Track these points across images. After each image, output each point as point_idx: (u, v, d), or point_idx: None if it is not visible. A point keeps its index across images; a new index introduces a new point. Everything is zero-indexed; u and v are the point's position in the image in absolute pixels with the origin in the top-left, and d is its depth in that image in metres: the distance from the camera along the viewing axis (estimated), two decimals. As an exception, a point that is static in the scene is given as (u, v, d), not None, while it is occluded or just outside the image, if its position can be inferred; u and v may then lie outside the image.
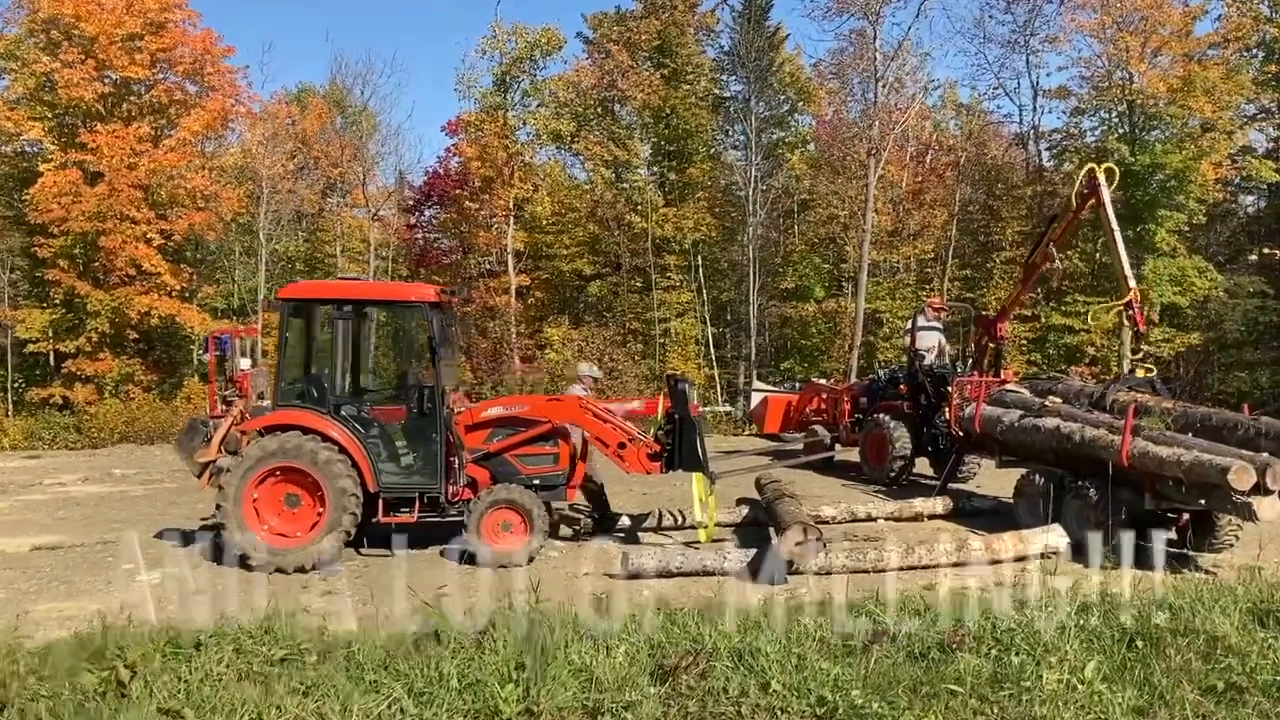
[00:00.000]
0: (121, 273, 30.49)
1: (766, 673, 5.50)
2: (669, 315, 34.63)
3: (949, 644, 5.90)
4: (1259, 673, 5.64)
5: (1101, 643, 6.08)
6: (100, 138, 31.05)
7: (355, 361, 11.34)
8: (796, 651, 5.74)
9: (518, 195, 34.19)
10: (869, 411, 16.24)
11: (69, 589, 10.02)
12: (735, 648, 5.95)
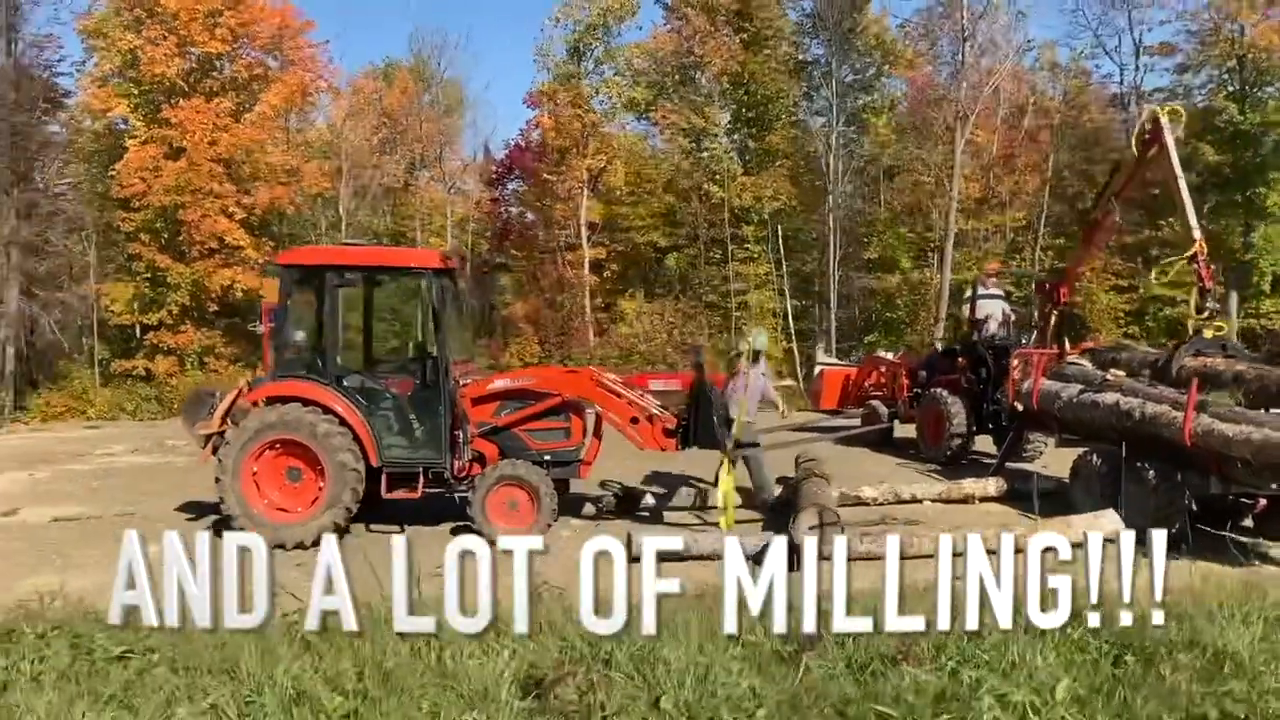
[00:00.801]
0: (203, 246, 30.86)
1: (662, 686, 4.86)
2: (746, 287, 33.77)
3: (897, 654, 5.15)
4: (1267, 699, 4.74)
5: (1086, 656, 5.25)
6: (182, 113, 31.42)
7: (358, 330, 10.91)
8: (704, 660, 5.05)
9: (592, 166, 33.64)
10: (927, 386, 15.30)
11: (64, 563, 9.82)
12: (637, 654, 5.30)
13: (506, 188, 43.02)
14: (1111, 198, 12.69)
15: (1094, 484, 11.02)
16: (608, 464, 12.58)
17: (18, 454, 17.03)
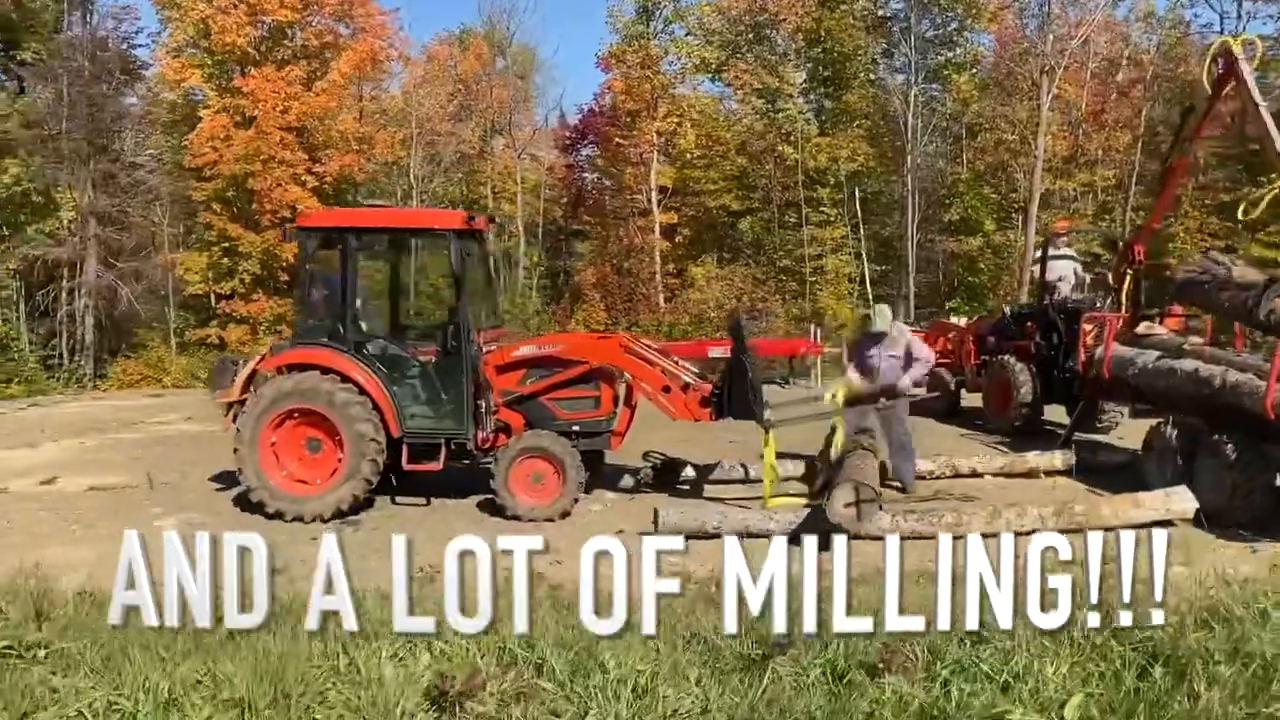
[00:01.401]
0: (274, 215, 30.94)
1: (592, 700, 4.29)
2: (821, 252, 32.80)
3: (880, 661, 4.50)
4: (1325, 725, 3.95)
5: (1107, 666, 4.53)
6: (253, 82, 31.48)
7: (379, 295, 10.49)
8: (648, 668, 4.45)
9: (662, 129, 32.91)
10: (995, 353, 14.40)
11: (86, 534, 9.65)
12: (574, 660, 4.74)
13: (580, 153, 42.57)
14: (1186, 141, 11.63)
15: (1168, 459, 10.15)
16: (653, 435, 12.06)
17: (75, 421, 17.12)
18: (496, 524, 9.67)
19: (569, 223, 41.94)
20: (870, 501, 8.35)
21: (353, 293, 9.95)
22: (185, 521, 9.89)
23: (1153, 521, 9.06)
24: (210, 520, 9.92)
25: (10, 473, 12.67)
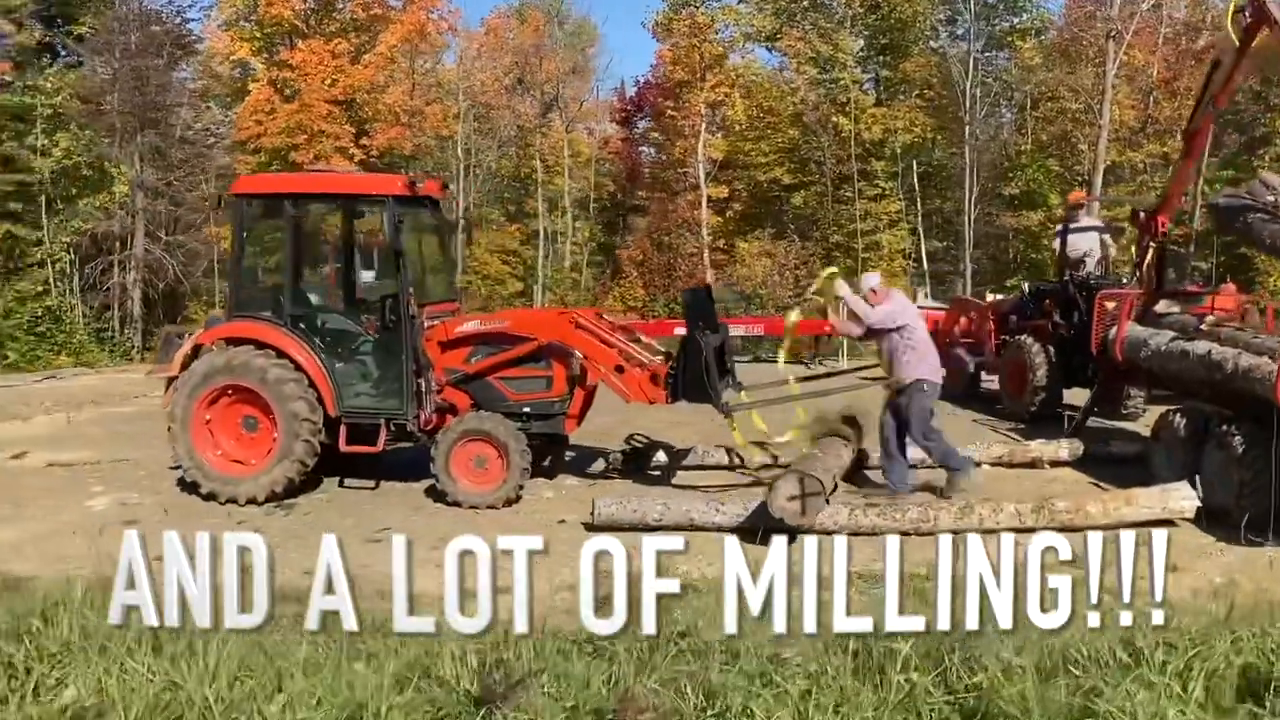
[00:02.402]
0: (318, 188, 30.73)
1: None
2: (876, 227, 31.65)
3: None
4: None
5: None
6: (300, 55, 31.36)
7: (319, 266, 9.94)
8: None
9: (709, 99, 31.98)
10: (1016, 333, 13.39)
11: (14, 514, 9.28)
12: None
13: (637, 126, 41.84)
14: (1211, 101, 10.50)
15: (1176, 450, 9.19)
16: (644, 417, 11.38)
17: (79, 394, 16.99)
18: (434, 511, 9.12)
19: (625, 197, 41.28)
20: (815, 495, 7.58)
21: (290, 263, 9.42)
22: (119, 501, 9.59)
23: (1148, 520, 8.17)
24: (146, 501, 9.57)
25: (-19, 447, 12.48)
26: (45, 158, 29.99)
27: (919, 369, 8.96)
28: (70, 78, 30.62)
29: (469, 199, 36.98)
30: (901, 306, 9.14)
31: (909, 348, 8.98)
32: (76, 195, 31.00)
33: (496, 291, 33.22)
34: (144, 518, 8.91)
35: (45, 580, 7.00)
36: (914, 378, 8.93)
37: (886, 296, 9.17)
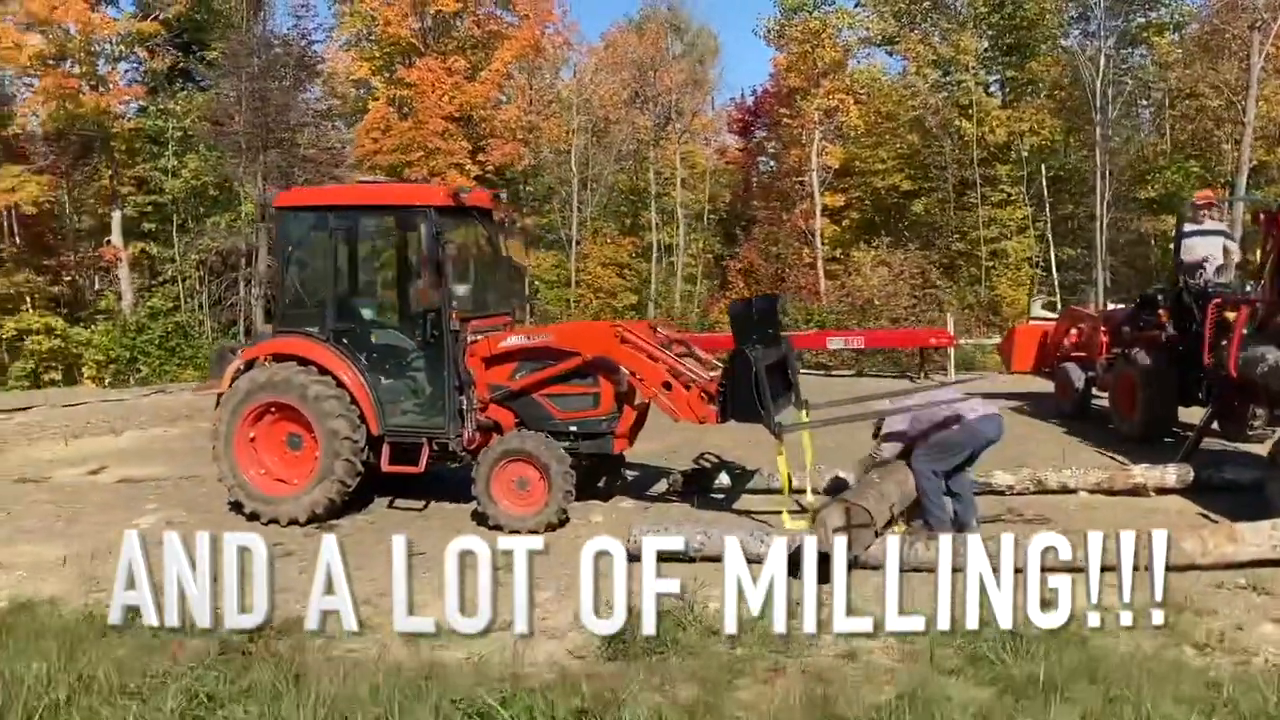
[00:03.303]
0: (434, 206, 31.01)
1: None
2: (1001, 234, 30.21)
3: None
4: None
5: None
6: (416, 73, 31.74)
7: (361, 280, 9.65)
8: None
9: (824, 106, 31.08)
10: (1130, 345, 12.28)
11: (65, 530, 9.30)
12: None
13: (755, 136, 41.12)
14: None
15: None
16: (718, 436, 10.78)
17: (180, 408, 17.32)
18: (478, 535, 8.68)
19: (743, 208, 40.61)
20: (865, 526, 6.88)
21: (333, 277, 9.18)
22: (165, 520, 9.44)
23: (1255, 561, 7.24)
24: (193, 520, 9.40)
25: (66, 461, 12.71)
26: (175, 178, 31.07)
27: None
28: (199, 100, 31.65)
29: (586, 212, 36.88)
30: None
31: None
32: (205, 214, 32.02)
33: (608, 304, 32.90)
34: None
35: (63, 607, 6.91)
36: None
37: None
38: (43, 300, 30.48)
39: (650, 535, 7.64)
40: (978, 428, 7.93)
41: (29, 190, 28.56)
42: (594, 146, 37.95)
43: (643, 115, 39.16)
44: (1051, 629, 5.72)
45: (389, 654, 5.85)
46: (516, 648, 5.78)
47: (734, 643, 5.72)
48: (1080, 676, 5.32)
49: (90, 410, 17.61)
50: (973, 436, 7.94)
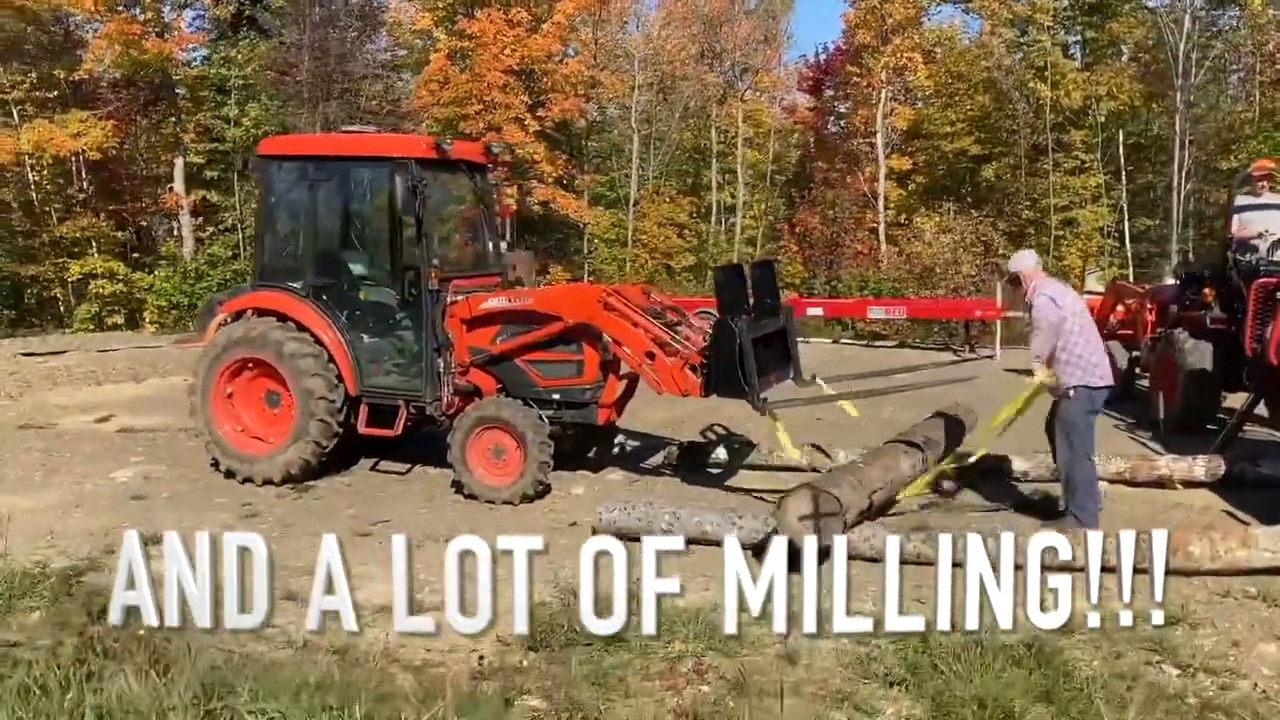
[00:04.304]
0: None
1: None
2: (1072, 203, 28.96)
3: None
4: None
5: None
6: (477, 24, 31.31)
7: (342, 235, 9.29)
8: None
9: (891, 64, 29.98)
10: (1177, 324, 11.46)
11: (45, 480, 9.20)
12: None
13: (824, 95, 40.00)
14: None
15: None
16: (734, 408, 10.29)
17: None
18: (447, 504, 8.40)
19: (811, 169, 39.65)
20: (833, 515, 6.38)
21: (314, 230, 8.85)
22: (144, 474, 9.31)
23: (1271, 568, 6.59)
24: (171, 475, 9.27)
25: (78, 408, 12.70)
26: (236, 127, 31.15)
27: (1072, 373, 7.37)
28: (262, 49, 31.63)
29: (648, 171, 36.30)
30: (1053, 307, 7.32)
31: (1062, 347, 7.42)
32: (266, 164, 32.03)
33: (665, 265, 32.36)
34: (152, 494, 8.64)
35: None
36: (1067, 384, 7.38)
37: (1035, 286, 7.55)
38: (108, 245, 30.88)
39: (613, 513, 7.30)
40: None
41: (94, 135, 28.83)
42: (659, 103, 37.27)
43: (710, 72, 38.32)
44: (1024, 640, 5.32)
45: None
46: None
47: (671, 637, 5.36)
48: (1038, 697, 4.80)
49: (123, 356, 17.69)
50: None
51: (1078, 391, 7.31)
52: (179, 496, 8.57)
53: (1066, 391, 7.34)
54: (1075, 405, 7.34)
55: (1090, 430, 7.48)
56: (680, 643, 5.33)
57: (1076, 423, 7.36)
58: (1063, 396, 7.40)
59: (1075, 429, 7.38)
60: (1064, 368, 7.31)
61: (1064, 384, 7.34)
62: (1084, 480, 7.41)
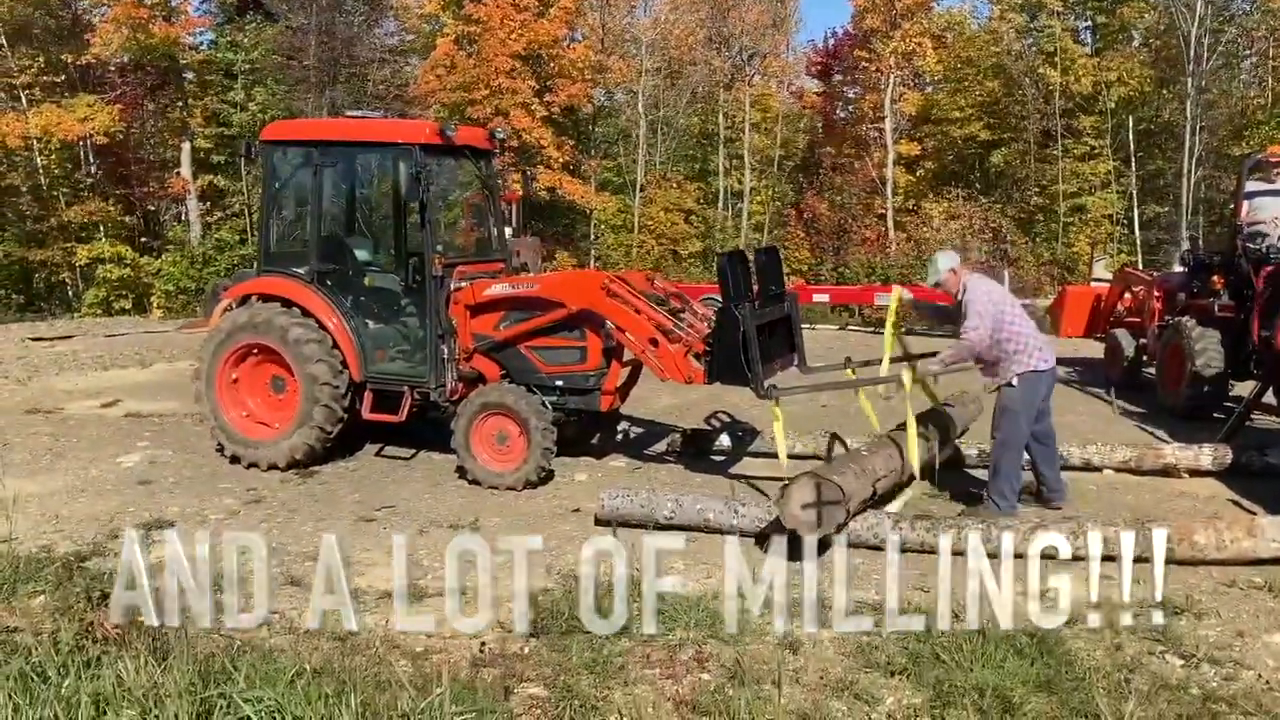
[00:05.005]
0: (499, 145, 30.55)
1: None
2: (1081, 189, 28.81)
3: None
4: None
5: None
6: (483, 9, 31.19)
7: (347, 220, 9.27)
8: None
9: (900, 49, 29.81)
10: (1184, 312, 11.39)
11: (51, 465, 9.20)
12: None
13: (832, 80, 39.81)
14: None
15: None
16: (739, 395, 10.25)
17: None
18: (450, 490, 8.39)
19: (819, 155, 39.49)
20: (834, 504, 6.36)
21: (318, 215, 8.82)
22: (150, 459, 9.31)
23: (1278, 558, 6.55)
24: (177, 460, 9.27)
25: (83, 393, 12.71)
26: (243, 112, 31.10)
27: (1018, 360, 7.40)
28: (269, 33, 31.57)
29: (655, 156, 36.18)
30: (987, 300, 7.44)
31: (1000, 341, 7.42)
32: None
33: (671, 250, 32.28)
34: (158, 479, 8.64)
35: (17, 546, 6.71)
36: (1013, 372, 7.39)
37: (965, 284, 7.62)
38: (116, 230, 30.90)
39: (616, 499, 7.30)
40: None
41: (102, 120, 28.80)
42: (666, 88, 37.13)
43: (718, 57, 38.15)
44: (1026, 630, 5.31)
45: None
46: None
47: (672, 625, 5.36)
48: (1039, 687, 4.78)
49: (129, 341, 17.71)
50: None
51: (1022, 378, 7.36)
52: (184, 482, 8.57)
53: (1010, 379, 7.37)
54: (1020, 392, 7.39)
55: (1029, 419, 7.51)
56: (681, 630, 5.33)
57: (1018, 411, 7.41)
58: (1005, 385, 7.42)
59: (1015, 417, 7.42)
60: (1009, 356, 7.36)
61: (1009, 373, 7.38)
62: (1010, 469, 7.47)
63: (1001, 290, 7.76)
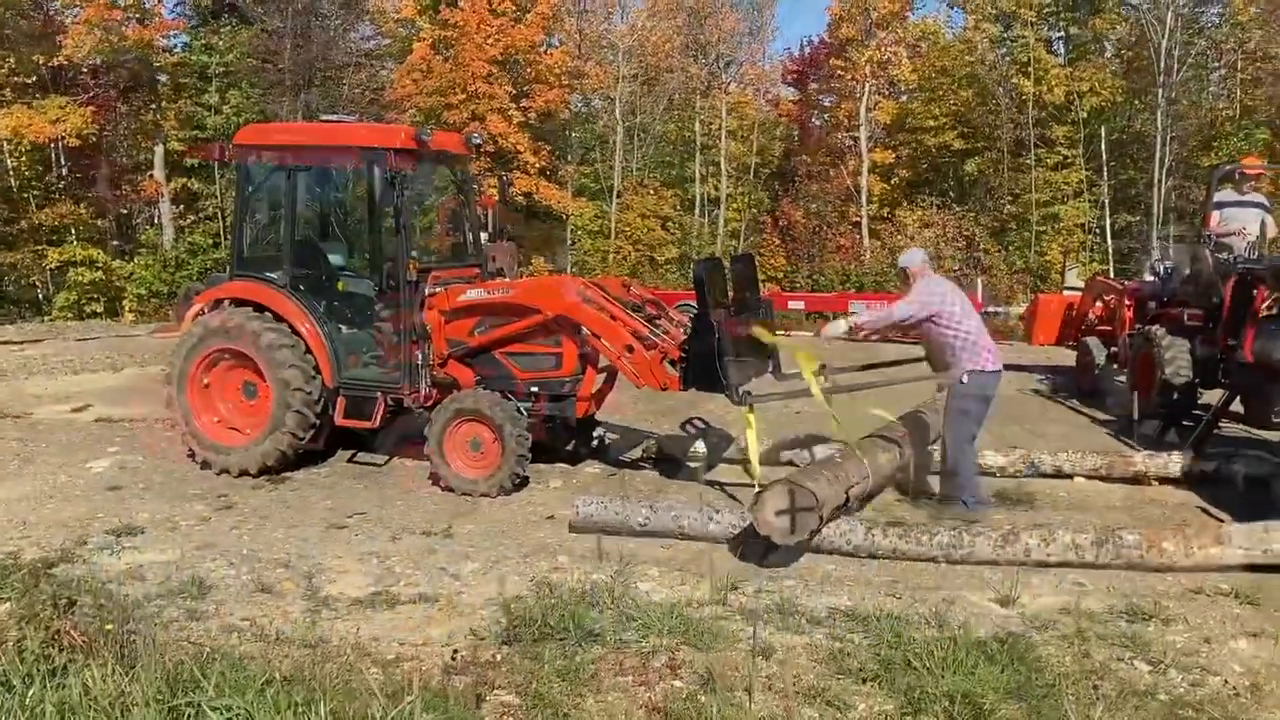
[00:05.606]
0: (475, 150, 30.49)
1: None
2: (1054, 198, 29.03)
3: None
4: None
5: None
6: (459, 14, 31.15)
7: (322, 225, 9.23)
8: None
9: (875, 58, 29.98)
10: (1155, 321, 11.49)
11: (20, 471, 9.09)
12: None
13: (808, 88, 39.99)
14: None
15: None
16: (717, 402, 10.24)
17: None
18: (423, 496, 8.36)
19: (795, 162, 39.64)
20: (809, 510, 6.38)
21: (291, 220, 8.78)
22: (119, 464, 9.23)
23: (1244, 565, 6.62)
24: (147, 466, 9.19)
25: (53, 398, 12.59)
26: (217, 115, 30.90)
27: (968, 358, 7.54)
28: (244, 35, 31.39)
29: (632, 163, 36.19)
30: (935, 290, 7.67)
31: (948, 339, 7.57)
32: (247, 153, 31.78)
33: (648, 257, 32.31)
34: (128, 485, 8.57)
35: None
36: (962, 370, 7.54)
37: (921, 278, 7.78)
38: (88, 232, 30.62)
39: (590, 506, 7.30)
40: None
41: (74, 121, 28.55)
42: (643, 95, 37.16)
43: (695, 64, 38.23)
44: (998, 636, 5.35)
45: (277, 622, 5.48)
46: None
47: (645, 632, 5.36)
48: (1009, 693, 4.80)
49: (100, 345, 17.55)
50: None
51: (971, 376, 7.52)
52: (155, 487, 8.51)
53: (960, 377, 7.50)
54: (968, 389, 7.55)
55: (980, 417, 7.69)
56: (654, 637, 5.32)
57: (968, 409, 7.59)
58: (955, 382, 7.56)
59: (964, 415, 7.60)
60: (958, 354, 7.53)
61: (959, 370, 7.53)
62: (967, 465, 7.68)
63: (955, 291, 7.87)
